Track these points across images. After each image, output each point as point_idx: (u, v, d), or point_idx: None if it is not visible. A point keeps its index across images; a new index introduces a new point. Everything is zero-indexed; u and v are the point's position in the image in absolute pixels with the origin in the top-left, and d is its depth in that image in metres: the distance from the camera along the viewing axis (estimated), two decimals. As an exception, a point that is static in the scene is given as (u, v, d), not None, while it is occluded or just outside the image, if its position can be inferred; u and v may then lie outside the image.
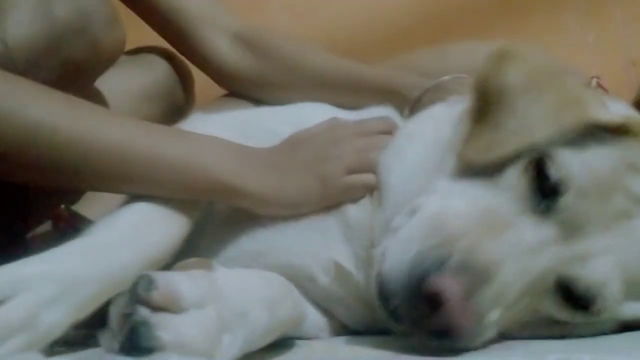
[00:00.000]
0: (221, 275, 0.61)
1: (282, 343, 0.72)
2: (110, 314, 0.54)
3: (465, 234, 0.63)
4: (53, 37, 0.84)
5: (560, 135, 0.67)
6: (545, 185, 0.66)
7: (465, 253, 0.62)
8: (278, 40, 1.08)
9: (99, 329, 0.54)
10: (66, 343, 0.67)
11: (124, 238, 0.71)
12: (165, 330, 0.52)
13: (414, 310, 0.62)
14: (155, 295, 0.53)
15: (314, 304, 0.84)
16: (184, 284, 0.55)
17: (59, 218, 0.96)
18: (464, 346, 0.62)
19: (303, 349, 0.73)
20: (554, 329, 0.69)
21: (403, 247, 0.65)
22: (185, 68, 1.18)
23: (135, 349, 0.51)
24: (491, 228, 0.65)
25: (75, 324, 0.65)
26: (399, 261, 0.64)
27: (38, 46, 0.83)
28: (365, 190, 0.82)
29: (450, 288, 0.60)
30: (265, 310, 0.62)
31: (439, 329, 0.61)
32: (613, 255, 0.66)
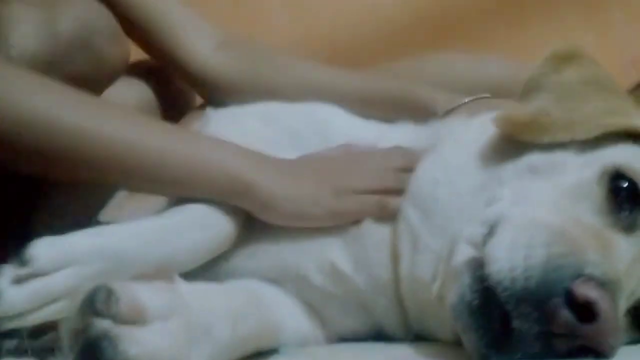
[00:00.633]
0: (184, 287, 0.59)
1: (281, 350, 0.73)
2: (61, 332, 0.51)
3: (590, 246, 0.59)
4: (57, 52, 0.85)
5: (609, 137, 0.67)
6: (624, 198, 0.65)
7: (603, 265, 0.57)
8: (271, 52, 1.06)
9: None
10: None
11: (179, 226, 0.72)
12: (131, 343, 0.48)
13: (550, 321, 0.55)
14: (120, 306, 0.49)
15: (308, 309, 0.83)
16: (146, 295, 0.52)
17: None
18: None
19: (303, 356, 0.74)
20: None
21: (523, 252, 0.58)
22: (176, 92, 1.14)
23: None
24: (601, 242, 0.61)
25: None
26: (520, 266, 0.57)
27: (42, 60, 0.84)
28: (381, 212, 0.80)
29: (604, 299, 0.54)
30: (228, 325, 0.60)
31: (586, 343, 0.54)
32: None
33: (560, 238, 0.59)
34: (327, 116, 0.94)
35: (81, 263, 0.65)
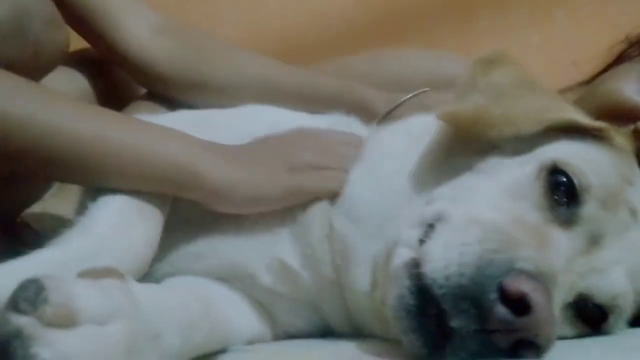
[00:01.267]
0: (137, 288, 0.55)
1: (228, 349, 0.71)
2: None
3: (524, 242, 0.59)
4: None
5: (544, 134, 0.68)
6: (562, 193, 0.65)
7: (535, 260, 0.57)
8: (213, 40, 1.02)
9: None
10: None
11: (102, 245, 0.65)
12: (45, 346, 0.44)
13: (486, 319, 0.54)
14: (47, 305, 0.45)
15: (257, 306, 0.82)
16: (85, 294, 0.48)
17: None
18: None
19: (248, 355, 0.72)
20: None
21: (458, 250, 0.58)
22: (118, 78, 1.10)
23: None
24: (538, 239, 0.61)
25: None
26: (456, 263, 0.57)
27: None
28: (338, 188, 0.78)
29: (536, 290, 0.54)
30: (179, 333, 0.57)
31: (520, 337, 0.54)
32: (624, 267, 0.66)
33: (494, 234, 0.59)
34: (276, 116, 0.92)
35: None
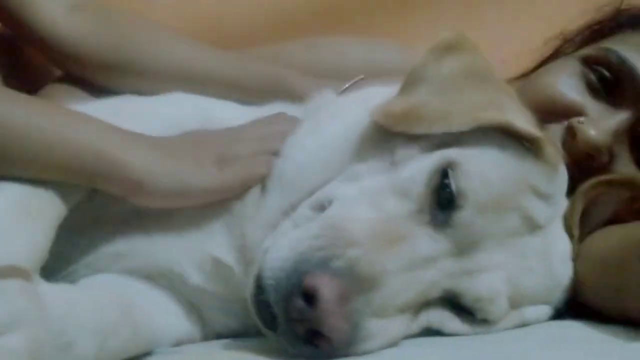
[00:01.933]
0: (47, 291, 0.51)
1: (154, 351, 0.68)
2: None
3: (359, 242, 0.62)
4: None
5: (475, 130, 0.68)
6: (444, 196, 0.66)
7: (352, 260, 0.61)
8: (138, 22, 0.96)
9: None
10: None
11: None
12: None
13: (288, 309, 0.60)
14: None
15: (185, 305, 0.79)
16: None
17: None
18: (333, 353, 0.60)
19: (175, 357, 0.69)
20: None
21: (292, 244, 0.63)
22: (30, 59, 1.02)
23: None
24: (387, 239, 0.63)
25: None
26: (283, 258, 0.62)
27: None
28: (270, 170, 0.77)
29: (326, 286, 0.58)
30: (94, 341, 0.54)
31: (310, 327, 0.59)
32: (502, 272, 0.67)
33: (328, 232, 0.63)
34: (204, 104, 0.89)
35: None
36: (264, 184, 0.77)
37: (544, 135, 0.72)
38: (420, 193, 0.67)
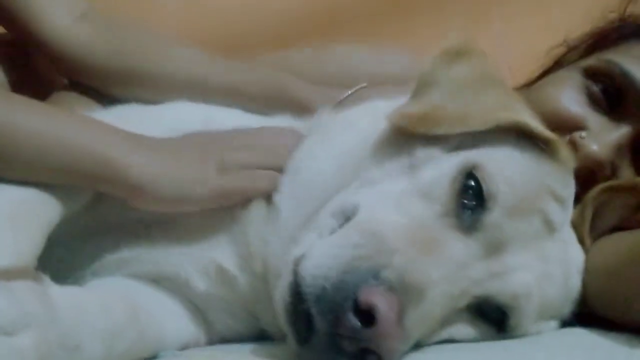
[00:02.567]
0: (56, 293, 0.51)
1: (159, 354, 0.68)
2: None
3: (400, 249, 0.60)
4: None
5: (494, 132, 0.68)
6: (471, 197, 0.65)
7: (402, 270, 0.58)
8: (143, 31, 0.97)
9: None
10: None
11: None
12: None
13: (338, 324, 0.56)
14: None
15: (191, 308, 0.79)
16: None
17: None
18: None
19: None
20: None
21: (333, 252, 0.59)
22: (36, 66, 1.02)
23: None
24: (424, 245, 0.61)
25: None
26: (326, 266, 0.58)
27: None
28: (274, 187, 0.76)
29: (385, 304, 0.55)
30: (102, 343, 0.53)
31: (364, 347, 0.55)
32: (529, 274, 0.66)
33: (370, 240, 0.60)
34: (209, 113, 0.89)
35: None
36: (270, 195, 0.77)
37: (559, 139, 0.73)
38: (445, 195, 0.65)
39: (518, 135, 0.71)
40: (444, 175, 0.67)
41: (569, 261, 0.72)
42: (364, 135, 0.75)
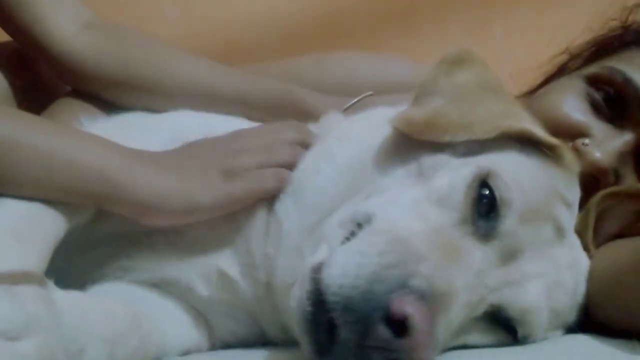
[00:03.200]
0: (60, 298, 0.50)
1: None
2: None
3: (425, 257, 0.58)
4: None
5: (499, 138, 0.68)
6: (485, 205, 0.65)
7: (430, 278, 0.57)
8: (148, 39, 0.97)
9: None
10: None
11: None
12: None
13: (368, 335, 0.54)
14: None
15: (193, 313, 0.79)
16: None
17: None
18: None
19: None
20: None
21: (358, 260, 0.57)
22: (39, 73, 1.03)
23: None
24: (447, 253, 0.60)
25: None
26: (352, 275, 0.56)
27: None
28: (281, 184, 0.75)
29: (419, 314, 0.54)
30: (104, 349, 0.53)
31: (395, 357, 0.54)
32: (541, 283, 0.66)
33: (396, 247, 0.58)
34: (211, 121, 0.89)
35: None
36: (273, 200, 0.76)
37: (562, 144, 0.73)
38: (460, 203, 0.65)
39: (521, 142, 0.71)
40: (458, 182, 0.66)
41: (578, 268, 0.72)
42: (367, 144, 0.75)
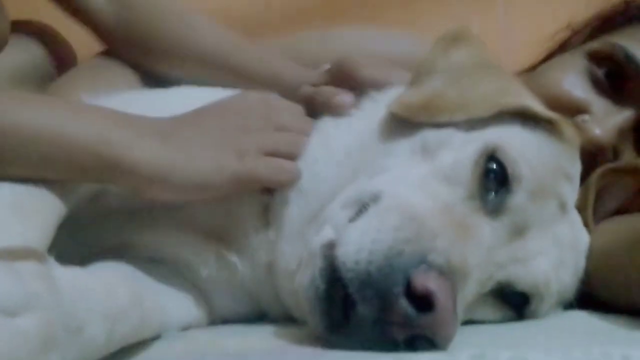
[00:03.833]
0: (61, 275, 0.49)
1: (162, 335, 0.68)
2: None
3: (440, 233, 0.58)
4: None
5: (500, 116, 0.68)
6: (493, 180, 0.65)
7: (447, 253, 0.56)
8: (162, 6, 1.00)
9: None
10: None
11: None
12: None
13: (389, 311, 0.53)
14: None
15: (193, 290, 0.79)
16: None
17: None
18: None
19: (183, 341, 0.69)
20: None
21: (373, 235, 0.56)
22: (67, 50, 1.11)
23: None
24: (459, 228, 0.60)
25: None
26: (367, 249, 0.55)
27: None
28: (292, 182, 0.73)
29: (443, 290, 0.53)
30: (104, 326, 0.52)
31: (417, 333, 0.53)
32: (547, 259, 0.66)
33: (410, 223, 0.58)
34: (214, 95, 0.84)
35: None
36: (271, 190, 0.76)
37: (561, 119, 0.73)
38: (468, 179, 0.64)
39: (523, 119, 0.71)
40: (465, 158, 0.66)
41: (578, 245, 0.72)
42: (365, 126, 0.74)
